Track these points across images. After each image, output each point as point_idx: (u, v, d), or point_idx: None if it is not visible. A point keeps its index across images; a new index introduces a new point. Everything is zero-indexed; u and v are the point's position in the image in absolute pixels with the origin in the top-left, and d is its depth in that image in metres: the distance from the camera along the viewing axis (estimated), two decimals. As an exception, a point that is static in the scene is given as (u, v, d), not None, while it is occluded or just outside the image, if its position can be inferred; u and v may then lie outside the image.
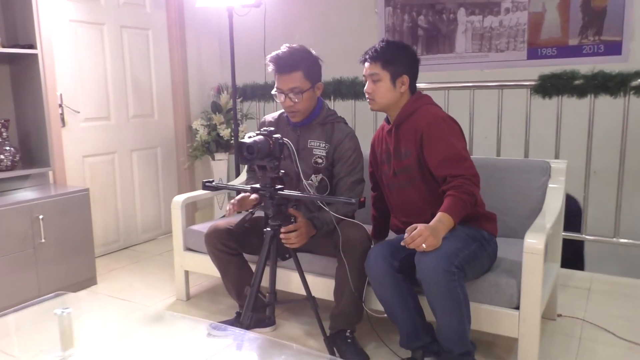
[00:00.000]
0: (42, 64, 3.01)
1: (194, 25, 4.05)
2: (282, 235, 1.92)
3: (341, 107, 3.34)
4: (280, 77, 2.08)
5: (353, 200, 1.72)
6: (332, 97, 3.58)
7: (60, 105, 3.21)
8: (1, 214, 2.53)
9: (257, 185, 1.93)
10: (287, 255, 2.13)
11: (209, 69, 4.24)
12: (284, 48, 2.10)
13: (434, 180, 1.96)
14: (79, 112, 3.31)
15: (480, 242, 1.90)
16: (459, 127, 2.01)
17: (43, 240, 2.69)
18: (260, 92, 3.96)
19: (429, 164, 1.95)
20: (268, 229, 1.94)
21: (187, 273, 2.73)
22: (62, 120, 3.23)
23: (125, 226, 3.72)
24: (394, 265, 1.88)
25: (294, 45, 2.11)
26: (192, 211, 4.15)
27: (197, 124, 3.94)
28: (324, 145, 2.18)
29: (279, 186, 1.91)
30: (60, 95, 3.20)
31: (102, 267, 3.32)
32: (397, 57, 2.00)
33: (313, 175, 2.21)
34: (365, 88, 2.05)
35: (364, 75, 2.06)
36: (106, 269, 3.31)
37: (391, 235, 2.29)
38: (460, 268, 1.74)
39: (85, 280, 2.95)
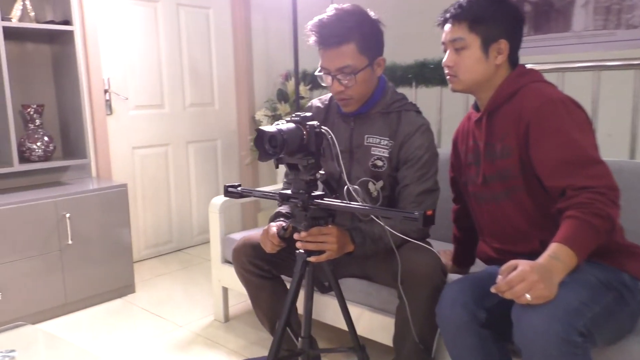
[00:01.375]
0: (84, 44, 2.72)
1: (261, 4, 3.62)
2: (298, 243, 1.40)
3: (425, 97, 2.74)
4: (326, 52, 1.54)
5: (416, 214, 1.15)
6: (414, 84, 2.97)
7: (107, 91, 2.90)
8: (22, 210, 2.24)
9: (289, 191, 1.41)
10: (327, 284, 1.59)
11: (278, 53, 3.78)
12: (330, 11, 1.55)
13: (546, 192, 1.33)
14: (127, 99, 2.99)
15: (619, 292, 1.24)
16: (586, 114, 1.35)
17: (70, 242, 2.37)
18: (332, 78, 3.44)
19: (537, 168, 1.32)
20: (301, 250, 1.43)
21: (225, 290, 2.29)
22: (109, 107, 2.93)
23: (179, 226, 3.37)
24: (479, 316, 1.28)
25: (344, 5, 1.56)
26: (254, 212, 3.74)
27: (260, 115, 3.51)
28: (386, 142, 1.61)
29: (317, 193, 1.38)
30: (107, 79, 2.90)
31: (148, 272, 2.99)
32: (491, 15, 1.39)
33: (371, 183, 1.65)
34: (444, 60, 1.46)
35: (442, 43, 1.47)
36: (152, 273, 2.97)
37: (478, 265, 1.68)
38: (587, 334, 1.11)
39: (120, 288, 2.61)
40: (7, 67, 2.28)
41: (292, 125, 1.35)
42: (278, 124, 1.34)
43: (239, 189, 1.52)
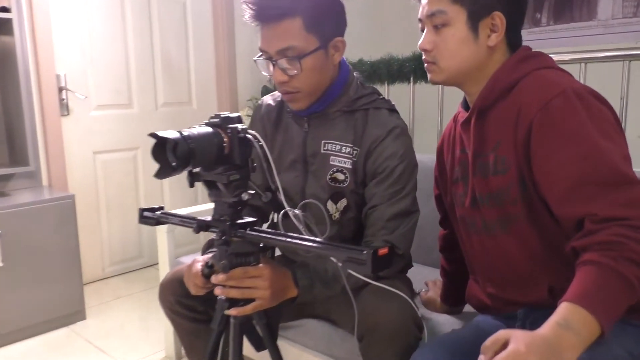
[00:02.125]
0: (32, 35, 2.40)
1: (245, -7, 3.26)
2: (217, 289, 1.03)
3: (426, 94, 2.36)
4: (264, 29, 1.17)
5: (363, 253, 0.78)
6: (412, 78, 2.58)
7: (62, 89, 2.58)
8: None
9: (209, 218, 1.05)
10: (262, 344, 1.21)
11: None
12: None
13: (556, 222, 0.95)
14: (86, 98, 2.65)
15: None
16: (613, 112, 0.96)
17: (1, 264, 2.04)
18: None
19: (544, 189, 0.94)
20: (222, 296, 1.06)
21: (177, 322, 1.93)
22: (66, 107, 2.60)
23: (150, 239, 3.02)
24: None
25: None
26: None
27: (243, 114, 3.15)
28: (349, 149, 1.24)
29: (248, 220, 1.02)
30: (63, 76, 2.57)
31: (109, 293, 2.65)
32: None
33: (330, 202, 1.27)
34: (419, 42, 1.08)
35: (419, 20, 1.09)
36: (112, 295, 2.63)
37: (466, 314, 1.31)
38: None
39: (67, 315, 2.26)
40: None
41: (207, 129, 0.98)
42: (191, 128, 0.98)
43: (158, 213, 1.16)
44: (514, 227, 1.01)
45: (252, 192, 1.02)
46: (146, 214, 1.16)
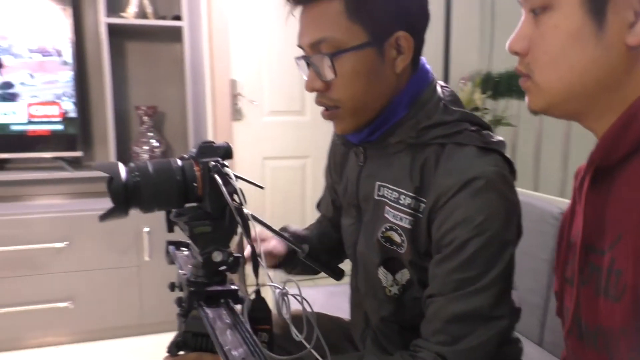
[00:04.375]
0: (210, 42, 2.48)
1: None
2: None
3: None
4: (301, 15, 0.86)
5: None
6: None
7: (237, 95, 2.62)
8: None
9: (183, 273, 0.81)
10: None
11: (465, 49, 2.96)
12: None
13: None
14: (257, 103, 2.66)
15: None
16: None
17: (147, 259, 2.15)
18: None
19: None
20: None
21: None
22: (239, 112, 2.65)
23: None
24: None
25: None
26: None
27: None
28: (410, 200, 0.83)
29: (221, 289, 0.75)
30: (237, 82, 2.61)
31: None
32: None
33: (382, 269, 0.89)
34: (509, 40, 0.64)
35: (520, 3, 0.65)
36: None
37: None
38: None
39: (205, 317, 2.29)
40: (109, 67, 2.17)
41: (163, 162, 0.74)
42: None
43: (185, 250, 0.96)
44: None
45: (228, 250, 0.74)
46: (172, 245, 0.97)
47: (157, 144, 2.34)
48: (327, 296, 1.60)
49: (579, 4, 0.55)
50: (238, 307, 0.73)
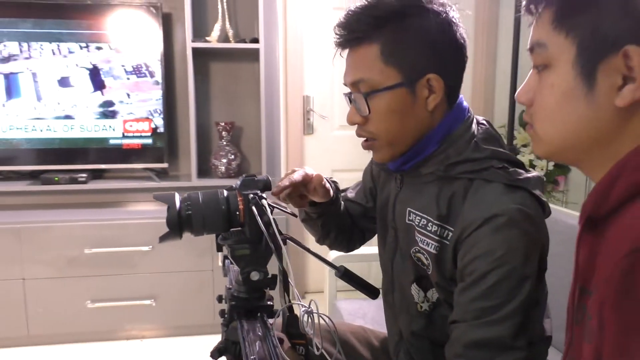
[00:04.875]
0: (284, 62, 2.64)
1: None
2: None
3: None
4: (347, 58, 0.97)
5: None
6: None
7: (309, 110, 2.76)
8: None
9: (229, 287, 0.93)
10: None
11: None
12: None
13: None
14: (326, 117, 2.77)
15: None
16: None
17: (220, 264, 2.32)
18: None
19: None
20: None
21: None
22: (311, 127, 2.78)
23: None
24: None
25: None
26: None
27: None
28: (437, 228, 0.90)
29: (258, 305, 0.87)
30: (310, 98, 2.75)
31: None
32: None
33: (415, 286, 0.97)
34: (518, 91, 0.70)
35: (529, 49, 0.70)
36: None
37: None
38: None
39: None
40: (194, 86, 2.38)
41: (212, 193, 0.87)
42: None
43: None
44: None
45: (264, 270, 0.86)
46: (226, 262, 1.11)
47: (233, 157, 2.52)
48: (377, 308, 1.67)
49: (571, 66, 0.60)
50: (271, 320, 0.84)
